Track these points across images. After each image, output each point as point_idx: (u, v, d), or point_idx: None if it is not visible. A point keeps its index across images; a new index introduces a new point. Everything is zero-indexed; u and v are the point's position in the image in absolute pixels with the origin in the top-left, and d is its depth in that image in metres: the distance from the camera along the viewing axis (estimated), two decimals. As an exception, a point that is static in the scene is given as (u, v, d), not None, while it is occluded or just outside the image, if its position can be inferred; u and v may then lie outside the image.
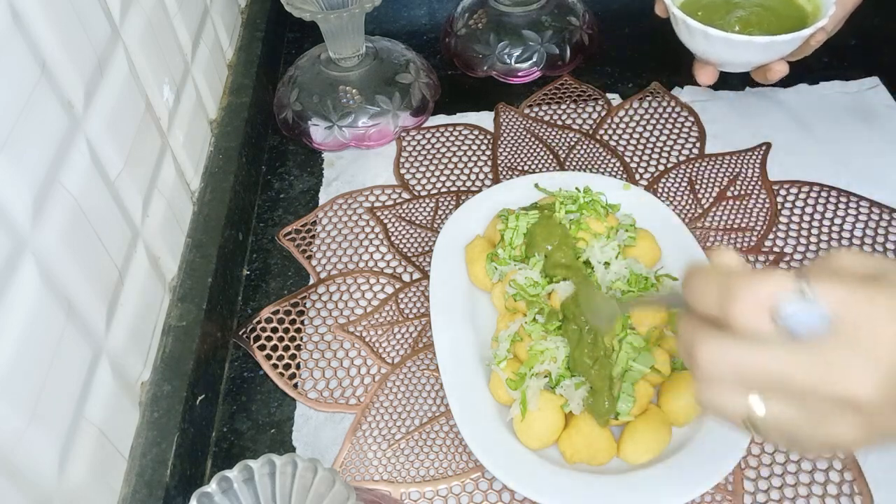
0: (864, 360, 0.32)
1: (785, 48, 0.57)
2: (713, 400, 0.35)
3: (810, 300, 0.31)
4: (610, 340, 0.52)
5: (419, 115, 0.77)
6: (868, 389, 0.31)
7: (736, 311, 0.33)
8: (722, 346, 0.33)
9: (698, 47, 0.60)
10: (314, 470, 0.32)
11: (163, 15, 0.61)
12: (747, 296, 0.32)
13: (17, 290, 0.38)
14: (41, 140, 0.42)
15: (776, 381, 0.33)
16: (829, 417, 0.33)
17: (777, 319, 0.32)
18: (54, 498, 0.40)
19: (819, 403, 0.33)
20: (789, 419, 0.33)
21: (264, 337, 0.61)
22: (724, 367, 0.33)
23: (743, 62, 0.60)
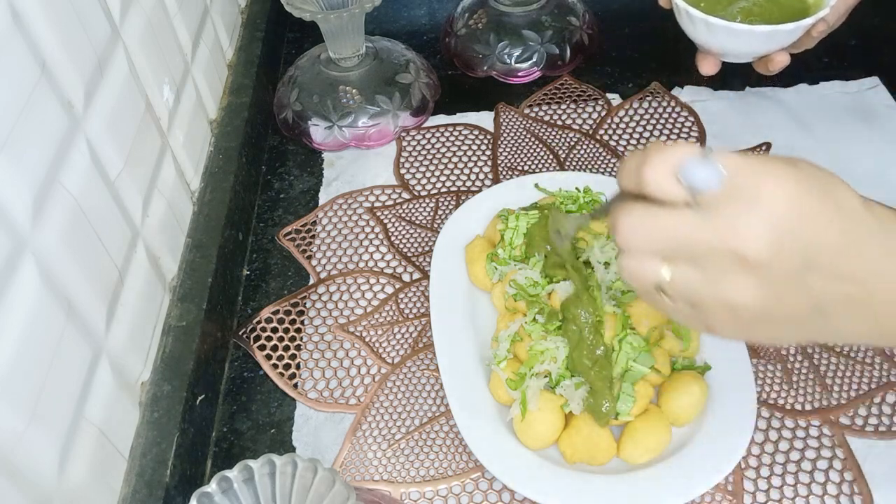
0: (755, 218, 0.34)
1: (786, 38, 0.56)
2: (630, 267, 0.38)
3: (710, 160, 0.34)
4: (608, 340, 0.52)
5: (419, 115, 0.77)
6: (758, 244, 0.34)
7: (647, 174, 0.36)
8: (636, 212, 0.37)
9: (700, 37, 0.60)
10: (314, 470, 0.32)
11: (163, 15, 0.61)
12: (656, 160, 0.35)
13: (17, 290, 0.38)
14: (41, 140, 0.42)
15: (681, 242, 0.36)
16: (726, 276, 0.35)
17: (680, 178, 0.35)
18: (54, 498, 0.40)
19: (716, 262, 0.35)
20: (691, 280, 0.36)
21: (264, 337, 0.61)
22: (635, 228, 0.37)
23: (744, 52, 0.60)
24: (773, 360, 0.58)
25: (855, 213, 0.36)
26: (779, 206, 0.34)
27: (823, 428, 0.54)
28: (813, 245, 0.35)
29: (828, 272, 0.35)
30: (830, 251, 0.35)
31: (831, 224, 0.35)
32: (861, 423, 0.54)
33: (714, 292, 0.36)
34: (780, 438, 0.54)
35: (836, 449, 0.53)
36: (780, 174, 0.35)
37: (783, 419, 0.54)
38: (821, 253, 0.35)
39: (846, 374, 0.56)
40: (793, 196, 0.34)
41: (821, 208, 0.35)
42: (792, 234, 0.34)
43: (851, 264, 0.36)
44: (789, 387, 0.56)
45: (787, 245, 0.34)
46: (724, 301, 0.36)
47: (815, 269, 0.35)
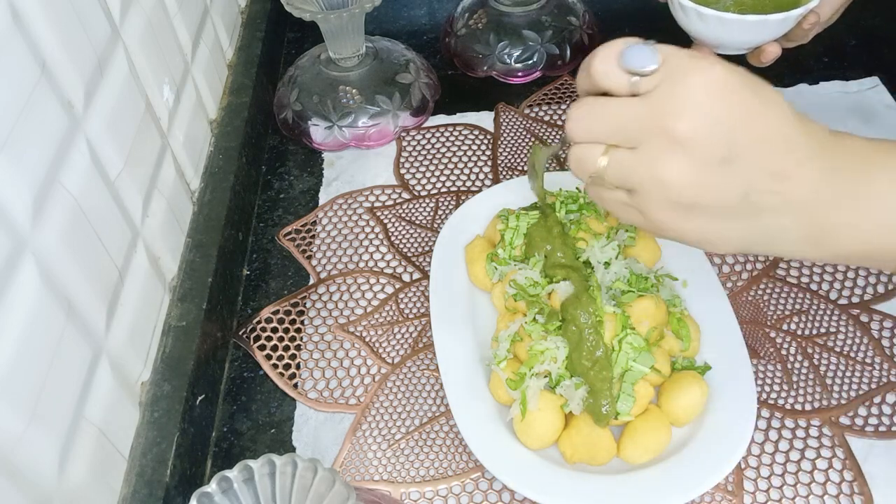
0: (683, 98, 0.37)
1: (777, 28, 0.57)
2: (575, 156, 0.41)
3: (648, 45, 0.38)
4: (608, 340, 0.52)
5: (419, 115, 0.77)
6: (685, 122, 0.36)
7: (594, 65, 0.39)
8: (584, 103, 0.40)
9: (693, 27, 0.60)
10: (314, 470, 0.32)
11: (163, 15, 0.61)
12: (602, 50, 0.39)
13: (17, 290, 0.38)
14: (41, 140, 0.42)
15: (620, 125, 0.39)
16: (658, 154, 0.38)
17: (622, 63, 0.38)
18: (54, 498, 0.40)
19: (650, 141, 0.38)
20: (625, 162, 0.39)
21: (264, 337, 0.61)
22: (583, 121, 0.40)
23: (736, 43, 0.60)
24: (773, 360, 0.58)
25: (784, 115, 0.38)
26: (708, 91, 0.37)
27: (823, 428, 0.54)
28: (739, 133, 0.37)
29: (754, 164, 0.37)
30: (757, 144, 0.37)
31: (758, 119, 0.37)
32: (861, 423, 0.54)
33: (646, 170, 0.38)
34: (780, 438, 0.54)
35: (836, 449, 0.53)
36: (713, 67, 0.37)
37: (783, 419, 0.54)
38: (747, 144, 0.37)
39: (846, 374, 0.56)
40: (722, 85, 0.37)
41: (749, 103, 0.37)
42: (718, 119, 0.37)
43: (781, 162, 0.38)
44: (789, 387, 0.56)
45: (714, 127, 0.37)
46: (656, 177, 0.38)
47: (741, 158, 0.37)
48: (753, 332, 0.59)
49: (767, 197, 0.38)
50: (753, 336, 0.59)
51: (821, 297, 0.61)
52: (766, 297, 0.61)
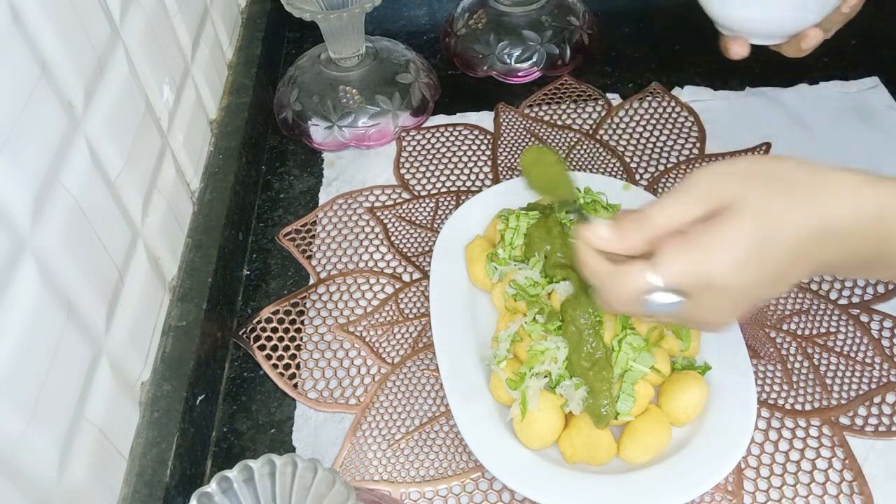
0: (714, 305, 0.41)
1: (822, 8, 0.56)
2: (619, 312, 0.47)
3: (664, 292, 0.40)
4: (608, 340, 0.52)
5: (419, 115, 0.77)
6: (722, 318, 0.42)
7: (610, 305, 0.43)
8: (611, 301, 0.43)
9: (730, 16, 0.59)
10: (314, 470, 0.32)
11: (163, 15, 0.61)
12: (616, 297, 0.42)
13: (17, 290, 0.38)
14: (41, 140, 0.42)
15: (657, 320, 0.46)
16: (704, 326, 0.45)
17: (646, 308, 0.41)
18: (54, 498, 0.40)
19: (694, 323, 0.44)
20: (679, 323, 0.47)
21: (264, 337, 0.61)
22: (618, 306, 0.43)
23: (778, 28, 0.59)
24: (773, 360, 0.58)
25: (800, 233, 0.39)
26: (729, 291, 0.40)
27: (823, 428, 0.54)
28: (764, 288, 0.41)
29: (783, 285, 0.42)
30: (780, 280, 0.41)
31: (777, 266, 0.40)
32: (861, 423, 0.54)
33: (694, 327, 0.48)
34: (780, 438, 0.54)
35: (836, 449, 0.53)
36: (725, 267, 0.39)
37: (783, 419, 0.54)
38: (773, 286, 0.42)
39: (846, 374, 0.56)
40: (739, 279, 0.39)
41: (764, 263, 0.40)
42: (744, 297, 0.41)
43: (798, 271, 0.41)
44: (789, 387, 0.56)
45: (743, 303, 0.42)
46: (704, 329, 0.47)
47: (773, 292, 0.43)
48: (753, 332, 0.59)
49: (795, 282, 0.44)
50: (753, 336, 0.59)
51: (821, 297, 0.61)
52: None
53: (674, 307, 0.40)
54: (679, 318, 0.43)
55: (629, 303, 0.41)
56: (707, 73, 0.81)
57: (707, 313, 0.42)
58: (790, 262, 0.40)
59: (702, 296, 0.40)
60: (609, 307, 0.44)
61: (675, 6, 0.89)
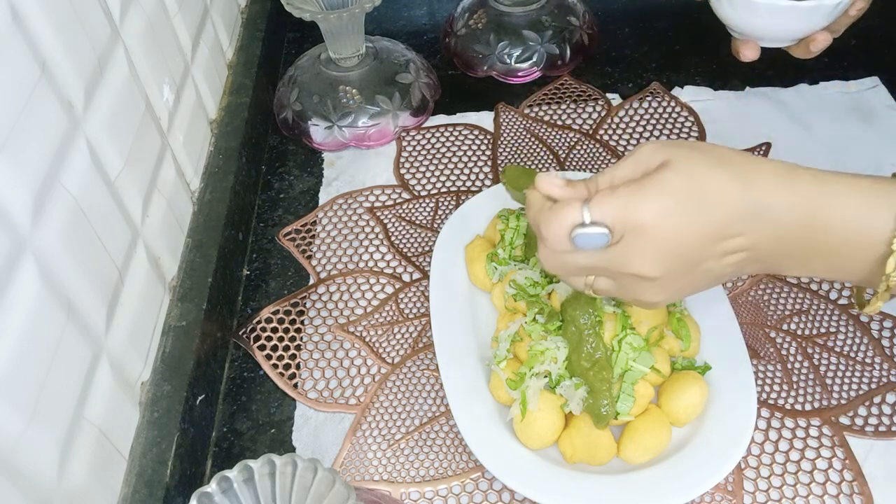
0: (636, 249, 0.42)
1: (830, 14, 0.56)
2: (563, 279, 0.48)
3: (593, 225, 0.42)
4: (608, 340, 0.52)
5: (419, 115, 0.77)
6: (648, 267, 0.43)
7: (545, 243, 0.44)
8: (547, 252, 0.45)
9: (739, 20, 0.59)
10: (314, 470, 0.32)
11: (163, 15, 0.61)
12: (549, 232, 0.43)
13: (17, 290, 0.38)
14: (41, 140, 0.42)
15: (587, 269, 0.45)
16: (635, 286, 0.45)
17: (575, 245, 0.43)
18: (54, 498, 0.40)
19: (622, 278, 0.44)
20: (609, 286, 0.46)
21: (264, 337, 0.61)
22: (554, 265, 0.45)
23: (786, 33, 0.59)
24: (773, 361, 0.58)
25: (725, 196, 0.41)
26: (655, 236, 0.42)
27: (823, 428, 0.54)
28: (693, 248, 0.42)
29: (714, 256, 0.43)
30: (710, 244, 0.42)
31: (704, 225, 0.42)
32: (861, 423, 0.54)
33: (629, 295, 0.46)
34: (780, 438, 0.54)
35: (836, 449, 0.53)
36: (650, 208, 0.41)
37: (783, 419, 0.54)
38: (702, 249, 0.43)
39: (846, 374, 0.56)
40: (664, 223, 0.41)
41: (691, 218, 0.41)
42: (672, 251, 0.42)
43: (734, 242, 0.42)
44: (789, 387, 0.56)
45: (672, 260, 0.42)
46: (639, 300, 0.46)
47: (702, 261, 0.43)
48: (753, 332, 0.59)
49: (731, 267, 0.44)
50: (753, 336, 0.59)
51: (821, 297, 0.61)
52: (766, 298, 0.61)
53: (601, 240, 0.42)
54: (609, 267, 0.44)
55: (561, 239, 0.43)
56: (707, 73, 0.81)
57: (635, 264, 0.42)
58: (718, 234, 0.42)
59: (629, 239, 0.42)
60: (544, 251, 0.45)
61: (675, 6, 0.89)
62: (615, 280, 0.45)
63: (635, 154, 0.44)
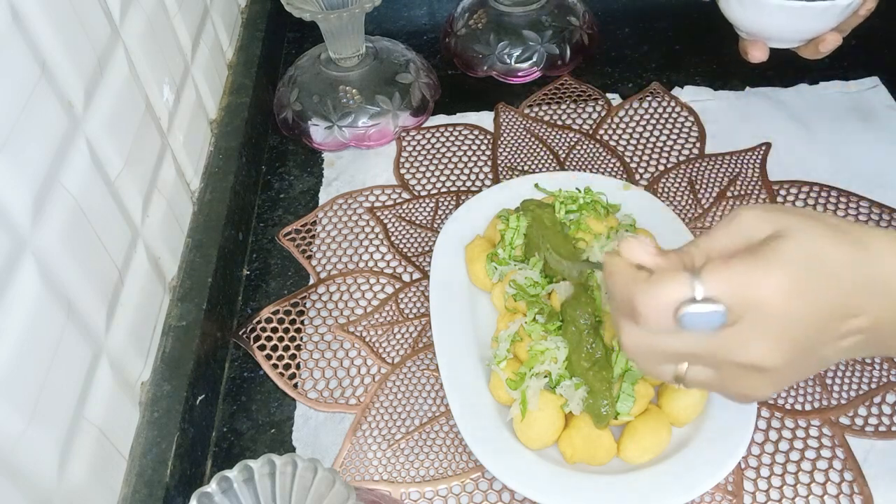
0: (754, 334, 0.36)
1: (840, 15, 0.55)
2: (645, 371, 0.41)
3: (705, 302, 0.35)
4: (608, 341, 0.52)
5: (419, 115, 0.77)
6: (767, 355, 0.36)
7: (642, 321, 0.37)
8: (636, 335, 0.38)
9: (748, 20, 0.58)
10: (314, 470, 0.32)
11: (163, 15, 0.61)
12: (649, 308, 0.36)
13: (17, 290, 0.38)
14: (41, 140, 0.42)
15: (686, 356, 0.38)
16: (744, 378, 0.38)
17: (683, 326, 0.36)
18: (54, 498, 0.40)
19: (728, 369, 0.38)
20: (708, 378, 0.39)
21: (264, 337, 0.61)
22: (643, 350, 0.39)
23: (795, 33, 0.58)
24: (773, 360, 0.57)
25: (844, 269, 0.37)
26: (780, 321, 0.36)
27: (823, 428, 0.54)
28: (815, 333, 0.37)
29: (835, 339, 0.38)
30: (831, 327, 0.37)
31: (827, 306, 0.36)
32: (861, 423, 0.54)
33: (730, 389, 0.39)
34: (780, 438, 0.54)
35: (836, 449, 0.53)
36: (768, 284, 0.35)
37: (783, 419, 0.54)
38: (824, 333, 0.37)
39: (846, 374, 0.56)
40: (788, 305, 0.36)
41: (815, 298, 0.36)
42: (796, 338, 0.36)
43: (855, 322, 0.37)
44: (789, 387, 0.56)
45: (793, 347, 0.36)
46: (742, 395, 0.39)
47: (821, 345, 0.38)
48: (753, 332, 0.59)
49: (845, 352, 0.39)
50: (753, 336, 0.59)
51: (821, 297, 0.61)
52: (766, 297, 0.61)
53: (717, 319, 0.35)
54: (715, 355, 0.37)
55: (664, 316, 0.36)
56: (707, 73, 0.81)
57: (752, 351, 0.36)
58: (841, 313, 0.37)
59: (749, 321, 0.36)
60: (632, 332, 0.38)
61: (675, 6, 0.89)
62: (718, 370, 0.38)
63: (734, 221, 0.38)
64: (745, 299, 0.35)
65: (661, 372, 0.40)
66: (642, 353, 0.39)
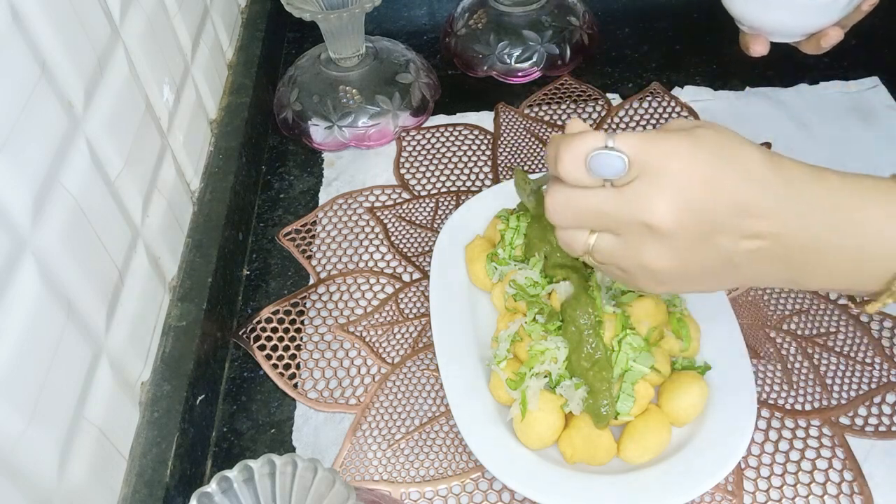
0: (655, 190, 0.38)
1: (843, 9, 0.56)
2: (562, 238, 0.43)
3: (612, 149, 0.38)
4: (608, 340, 0.52)
5: (419, 115, 0.77)
6: (661, 213, 0.38)
7: (559, 167, 0.40)
8: (557, 192, 0.41)
9: (750, 14, 0.58)
10: (314, 470, 0.32)
11: (163, 15, 0.61)
12: (566, 153, 0.39)
13: (17, 290, 0.38)
14: (41, 140, 0.42)
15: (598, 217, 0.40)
16: (641, 244, 0.40)
17: (590, 171, 0.39)
18: (54, 498, 0.40)
19: (631, 231, 0.40)
20: (612, 247, 0.41)
21: (264, 337, 0.61)
22: (560, 208, 0.41)
23: (798, 28, 0.58)
24: (773, 360, 0.58)
25: (755, 168, 0.39)
26: (678, 179, 0.38)
27: (823, 428, 0.54)
28: (714, 211, 0.38)
29: (732, 232, 0.39)
30: (732, 214, 0.38)
31: (731, 190, 0.38)
32: (861, 423, 0.54)
33: (633, 258, 0.41)
34: (780, 438, 0.54)
35: (836, 449, 0.53)
36: (678, 149, 0.38)
37: (783, 419, 0.54)
38: (723, 217, 0.38)
39: (846, 374, 0.56)
40: (690, 168, 0.38)
41: (719, 176, 0.38)
42: (693, 204, 0.38)
43: (755, 222, 0.39)
44: (789, 387, 0.56)
45: (690, 214, 0.38)
46: (643, 265, 0.41)
47: (719, 232, 0.39)
48: (753, 332, 0.59)
49: (746, 255, 0.40)
50: (753, 336, 0.59)
51: (821, 297, 0.61)
52: (766, 298, 0.61)
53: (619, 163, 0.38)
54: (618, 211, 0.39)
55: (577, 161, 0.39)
56: (707, 73, 0.81)
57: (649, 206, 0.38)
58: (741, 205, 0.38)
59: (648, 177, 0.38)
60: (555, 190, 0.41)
61: (675, 6, 0.89)
62: (620, 236, 0.40)
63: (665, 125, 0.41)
64: (647, 154, 0.38)
65: (575, 240, 0.42)
66: (560, 210, 0.41)
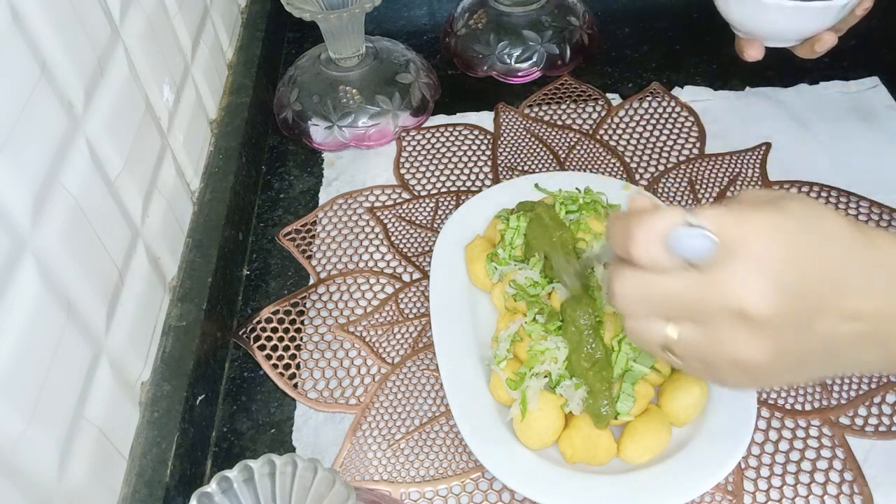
0: (747, 273, 0.34)
1: (838, 14, 0.56)
2: (634, 330, 0.39)
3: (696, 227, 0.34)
4: (608, 341, 0.52)
5: (419, 115, 0.77)
6: (754, 298, 0.34)
7: (633, 248, 0.36)
8: (628, 277, 0.37)
9: (745, 18, 0.58)
10: (314, 470, 0.32)
11: (163, 15, 0.61)
12: (641, 232, 0.35)
13: (17, 290, 0.38)
14: (41, 140, 0.42)
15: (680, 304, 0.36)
16: (732, 334, 0.35)
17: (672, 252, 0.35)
18: (54, 498, 0.40)
19: (720, 320, 0.35)
20: (697, 339, 0.36)
21: (264, 337, 0.61)
22: (633, 295, 0.37)
23: (793, 32, 0.58)
24: (773, 360, 0.57)
25: (847, 242, 0.35)
26: (772, 258, 0.34)
27: (823, 428, 0.54)
28: (812, 293, 0.34)
29: (832, 314, 0.35)
30: (830, 295, 0.35)
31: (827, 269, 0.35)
32: (861, 423, 0.54)
33: (721, 351, 0.36)
34: (780, 438, 0.54)
35: (836, 449, 0.53)
36: (766, 223, 0.34)
37: (783, 419, 0.54)
38: (821, 298, 0.35)
39: (846, 374, 0.56)
40: (783, 244, 0.34)
41: (812, 249, 0.35)
42: (789, 286, 0.34)
43: (855, 301, 0.35)
44: (789, 387, 0.56)
45: (786, 297, 0.34)
46: (733, 358, 0.36)
47: (818, 316, 0.35)
48: (753, 332, 0.59)
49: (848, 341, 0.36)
50: (753, 336, 0.59)
51: (821, 297, 0.61)
52: (766, 297, 0.61)
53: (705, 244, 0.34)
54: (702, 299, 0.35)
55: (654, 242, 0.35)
56: (707, 73, 0.81)
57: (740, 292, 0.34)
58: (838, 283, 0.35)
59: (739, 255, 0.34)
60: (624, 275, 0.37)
61: (675, 6, 0.89)
62: (706, 326, 0.36)
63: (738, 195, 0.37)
64: (739, 233, 0.34)
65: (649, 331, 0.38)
66: (632, 299, 0.37)
